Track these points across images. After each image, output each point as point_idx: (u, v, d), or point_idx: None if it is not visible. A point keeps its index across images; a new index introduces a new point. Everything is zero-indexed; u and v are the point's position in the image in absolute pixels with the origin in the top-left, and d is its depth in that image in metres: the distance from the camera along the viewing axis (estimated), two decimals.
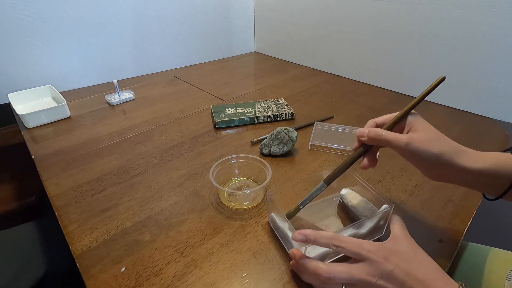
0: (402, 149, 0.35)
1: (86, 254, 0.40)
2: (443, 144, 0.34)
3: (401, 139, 0.35)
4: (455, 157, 0.33)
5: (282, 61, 1.28)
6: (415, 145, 0.34)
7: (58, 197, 0.50)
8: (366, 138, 0.38)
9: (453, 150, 0.34)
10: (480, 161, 0.34)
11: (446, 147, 0.34)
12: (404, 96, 0.92)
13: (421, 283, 0.30)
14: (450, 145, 0.34)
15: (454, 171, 0.34)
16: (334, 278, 0.32)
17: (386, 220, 0.39)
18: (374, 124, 0.40)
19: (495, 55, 0.72)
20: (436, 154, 0.33)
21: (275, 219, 0.42)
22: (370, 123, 0.40)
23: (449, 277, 0.31)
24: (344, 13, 0.99)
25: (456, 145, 0.35)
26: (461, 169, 0.34)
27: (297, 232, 0.34)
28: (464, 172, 0.34)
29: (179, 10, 1.10)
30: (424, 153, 0.34)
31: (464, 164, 0.33)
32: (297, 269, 0.36)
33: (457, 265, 0.48)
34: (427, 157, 0.34)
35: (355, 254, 0.32)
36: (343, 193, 0.46)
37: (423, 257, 0.33)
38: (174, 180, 0.54)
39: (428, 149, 0.33)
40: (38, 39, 0.84)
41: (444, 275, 0.31)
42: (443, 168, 0.34)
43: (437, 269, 0.32)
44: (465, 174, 0.34)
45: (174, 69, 1.17)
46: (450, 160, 0.33)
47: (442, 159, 0.33)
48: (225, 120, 0.72)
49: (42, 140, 0.68)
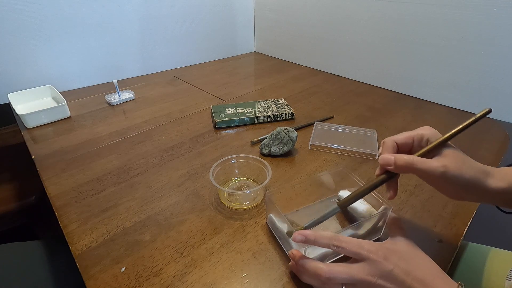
0: (435, 178, 0.32)
1: (86, 254, 0.40)
2: (474, 169, 0.33)
3: (436, 167, 0.32)
4: (484, 181, 0.33)
5: (282, 61, 1.28)
6: (451, 173, 0.32)
7: (58, 197, 0.50)
8: (394, 167, 0.34)
9: (482, 173, 0.33)
10: (506, 180, 0.33)
11: (477, 172, 0.33)
12: (404, 96, 0.92)
13: (421, 283, 0.30)
14: (479, 169, 0.33)
15: (480, 193, 0.33)
16: (334, 278, 0.32)
17: (384, 221, 0.39)
18: (395, 145, 0.36)
19: (495, 55, 0.72)
20: (468, 180, 0.32)
21: (274, 220, 0.42)
22: (389, 145, 0.36)
23: (448, 277, 0.31)
24: (344, 13, 0.99)
25: (483, 168, 0.34)
26: (487, 191, 0.33)
27: (296, 233, 0.34)
28: (490, 192, 0.33)
29: (179, 10, 1.10)
30: (458, 179, 0.32)
31: (491, 186, 0.33)
32: (296, 270, 0.36)
33: (457, 265, 0.48)
34: (458, 183, 0.32)
35: (355, 254, 0.32)
36: (341, 194, 0.46)
37: (422, 257, 0.33)
38: (174, 180, 0.54)
39: (462, 176, 0.32)
40: (38, 39, 0.84)
41: (443, 275, 0.31)
42: (471, 191, 0.33)
43: (436, 269, 0.32)
44: (490, 194, 0.33)
45: (174, 69, 1.17)
46: (480, 184, 0.33)
47: (473, 184, 0.32)
48: (225, 120, 0.72)
49: (42, 140, 0.68)
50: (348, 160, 0.60)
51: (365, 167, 0.58)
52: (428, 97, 0.89)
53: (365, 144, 0.64)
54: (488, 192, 0.33)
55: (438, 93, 0.86)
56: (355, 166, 0.59)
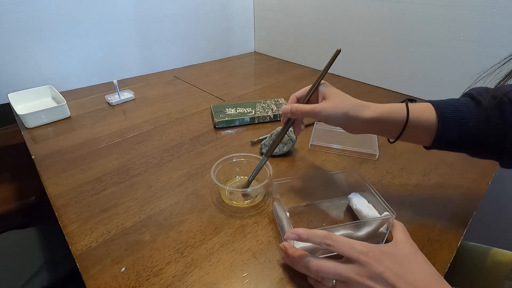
0: (318, 117, 0.42)
1: (86, 254, 0.40)
2: (347, 104, 0.41)
3: (315, 109, 0.42)
4: (359, 112, 0.40)
5: (282, 61, 1.28)
6: (326, 111, 0.41)
7: (58, 197, 0.50)
8: (290, 113, 0.45)
9: (358, 106, 0.41)
10: (377, 111, 0.40)
11: (350, 106, 0.41)
12: (405, 96, 0.92)
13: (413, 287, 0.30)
14: (353, 103, 0.41)
15: (359, 123, 0.41)
16: (322, 272, 0.33)
17: (387, 228, 0.39)
18: (295, 98, 0.47)
19: (495, 55, 0.72)
20: (343, 113, 0.41)
21: (277, 209, 0.44)
22: (292, 98, 0.47)
23: (445, 283, 0.31)
24: (344, 13, 0.99)
25: (359, 102, 0.42)
26: (363, 120, 0.40)
27: (289, 232, 0.35)
28: (366, 122, 0.40)
29: (179, 10, 1.10)
30: (334, 114, 0.41)
31: (365, 116, 0.40)
32: (289, 261, 0.37)
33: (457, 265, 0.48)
34: (336, 117, 0.41)
35: (346, 254, 0.32)
36: (350, 196, 0.46)
37: (420, 262, 0.33)
38: (174, 180, 0.54)
39: (336, 111, 0.41)
40: (38, 39, 0.84)
41: (441, 281, 0.31)
42: (351, 122, 0.41)
43: (434, 276, 0.31)
44: (367, 124, 0.41)
45: (174, 69, 1.17)
46: (355, 115, 0.40)
47: (348, 115, 0.41)
48: (225, 120, 0.72)
49: (42, 140, 0.68)
50: (348, 160, 0.60)
51: (365, 167, 0.58)
52: (428, 97, 0.88)
53: (365, 144, 0.64)
54: (364, 122, 0.40)
55: (438, 93, 0.86)
56: (355, 166, 0.59)
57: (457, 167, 0.57)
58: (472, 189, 0.52)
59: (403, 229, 0.37)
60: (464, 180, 0.54)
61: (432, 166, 0.57)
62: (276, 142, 0.48)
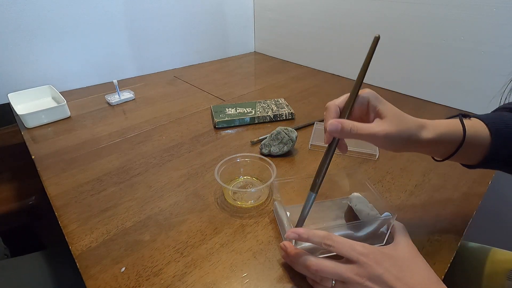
0: (376, 142, 0.35)
1: (86, 254, 0.40)
2: (410, 126, 0.34)
3: (377, 133, 0.33)
4: (419, 134, 0.35)
5: (282, 61, 1.28)
6: (391, 137, 0.33)
7: (58, 197, 0.50)
8: (340, 133, 0.35)
9: (418, 127, 0.35)
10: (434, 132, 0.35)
11: (413, 129, 0.35)
12: (404, 96, 0.92)
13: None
14: (414, 124, 0.35)
15: (417, 145, 0.35)
16: (322, 272, 0.33)
17: (387, 229, 0.39)
18: (338, 109, 0.37)
19: (495, 55, 0.72)
20: (407, 138, 0.34)
21: (277, 208, 0.44)
22: (333, 109, 0.37)
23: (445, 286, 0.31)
24: (344, 13, 0.99)
25: (418, 122, 0.35)
26: (421, 143, 0.35)
27: (290, 231, 0.35)
28: (423, 143, 0.35)
29: (179, 10, 1.10)
30: (398, 140, 0.34)
31: (424, 138, 0.35)
32: (289, 261, 0.37)
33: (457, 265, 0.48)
34: (400, 142, 0.34)
35: (346, 255, 0.32)
36: (351, 196, 0.46)
37: (420, 265, 0.33)
38: (174, 180, 0.54)
39: (401, 137, 0.34)
40: (38, 39, 0.84)
41: (440, 285, 0.31)
42: (409, 145, 0.35)
43: (433, 280, 0.32)
44: (421, 146, 0.36)
45: (174, 69, 1.17)
46: (416, 138, 0.35)
47: (411, 139, 0.34)
48: (225, 120, 0.72)
49: (42, 140, 0.68)
50: (348, 160, 0.60)
51: (365, 167, 0.58)
52: (428, 97, 0.89)
53: (364, 144, 0.63)
54: (422, 143, 0.35)
55: (438, 93, 0.86)
56: (355, 166, 0.59)
57: (457, 167, 0.57)
58: (472, 189, 0.52)
59: (404, 230, 0.37)
60: (464, 180, 0.54)
61: (432, 166, 0.57)
62: (322, 173, 0.37)
